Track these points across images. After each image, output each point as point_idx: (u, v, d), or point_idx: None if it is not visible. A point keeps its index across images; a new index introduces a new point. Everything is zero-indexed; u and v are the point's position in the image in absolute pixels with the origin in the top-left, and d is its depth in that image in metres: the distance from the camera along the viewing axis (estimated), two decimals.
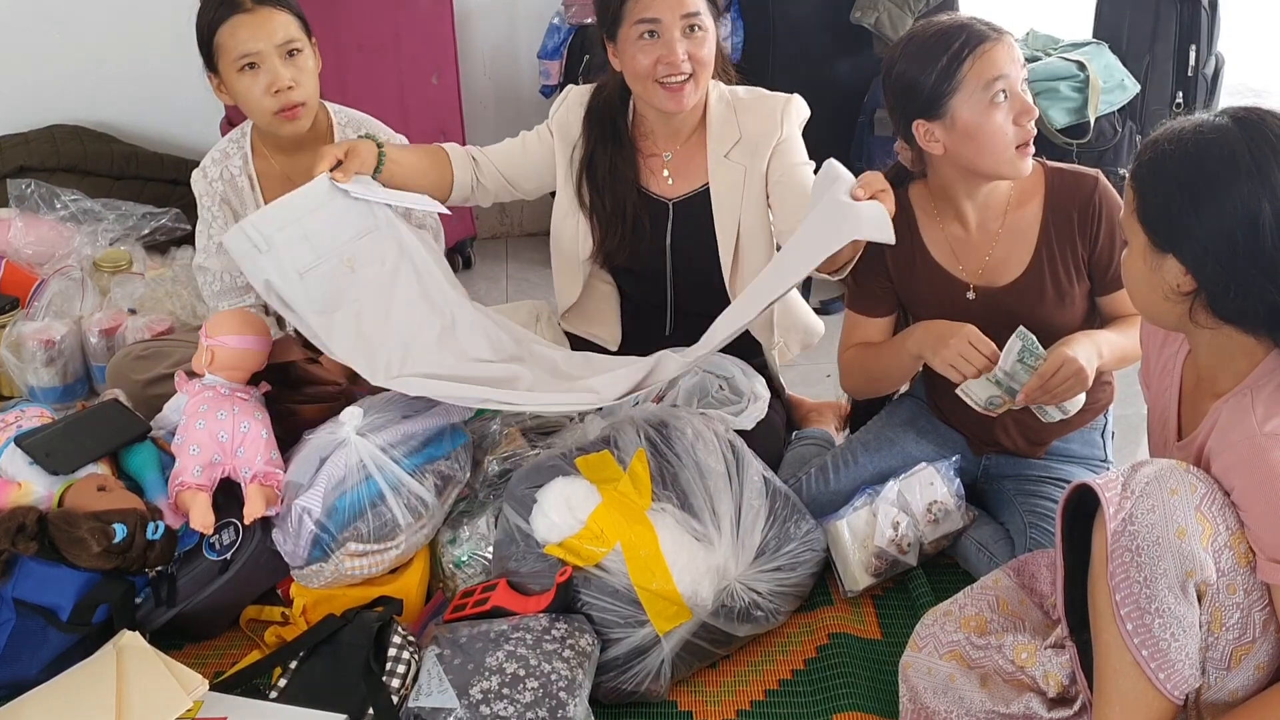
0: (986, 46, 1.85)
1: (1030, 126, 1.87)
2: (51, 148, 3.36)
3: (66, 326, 2.77)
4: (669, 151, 2.29)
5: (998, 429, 2.10)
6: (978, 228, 2.01)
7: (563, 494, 1.91)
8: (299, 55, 2.27)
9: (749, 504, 1.98)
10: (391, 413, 2.09)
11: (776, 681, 1.93)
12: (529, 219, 3.79)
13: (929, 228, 2.05)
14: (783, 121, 2.25)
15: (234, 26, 2.22)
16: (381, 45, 3.06)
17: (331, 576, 1.97)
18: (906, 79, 1.92)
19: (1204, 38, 3.56)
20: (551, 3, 3.42)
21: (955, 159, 1.94)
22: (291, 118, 2.29)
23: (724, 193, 2.27)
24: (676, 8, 2.09)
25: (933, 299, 2.06)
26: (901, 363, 2.04)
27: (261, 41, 2.22)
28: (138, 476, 2.08)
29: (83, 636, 1.84)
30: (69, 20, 3.41)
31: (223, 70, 2.27)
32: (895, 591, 2.11)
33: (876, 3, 3.22)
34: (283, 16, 2.26)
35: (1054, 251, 1.97)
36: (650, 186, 2.31)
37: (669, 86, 2.14)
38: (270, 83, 2.24)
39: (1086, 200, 1.94)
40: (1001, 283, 2.00)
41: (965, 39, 1.86)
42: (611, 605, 1.85)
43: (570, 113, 2.33)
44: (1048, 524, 1.97)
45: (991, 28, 1.88)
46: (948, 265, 2.04)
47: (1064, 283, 1.96)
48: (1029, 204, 1.99)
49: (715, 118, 2.25)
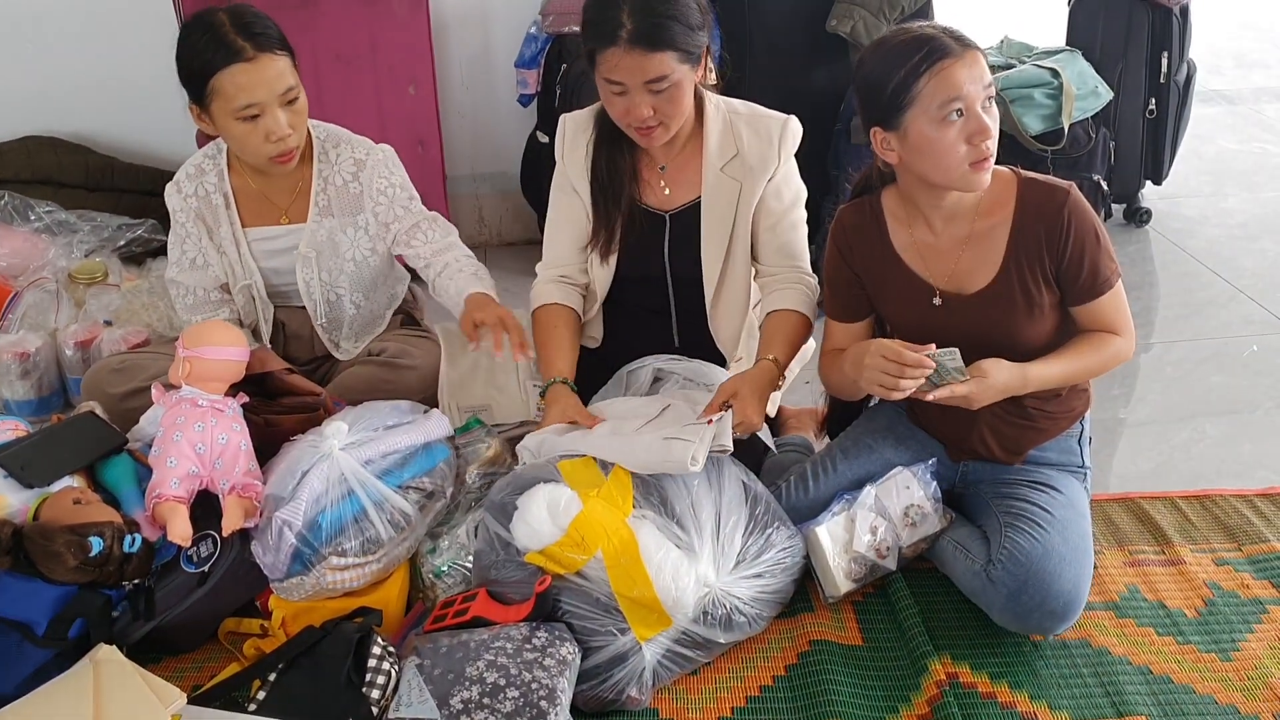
0: (947, 64, 1.84)
1: (985, 146, 1.85)
2: (25, 159, 3.34)
3: (41, 339, 2.75)
4: (665, 162, 2.30)
5: (975, 438, 2.10)
6: (945, 234, 2.02)
7: (544, 501, 1.90)
8: (296, 102, 2.26)
9: (729, 511, 1.98)
10: (375, 426, 2.09)
11: (758, 688, 1.93)
12: (508, 228, 3.79)
13: (899, 233, 2.06)
14: (780, 150, 2.25)
15: (234, 74, 2.16)
16: (358, 55, 3.06)
17: (312, 589, 1.96)
18: (868, 85, 1.93)
19: (1176, 44, 3.60)
20: (529, 12, 3.43)
21: (909, 169, 1.95)
22: (287, 161, 2.29)
23: (716, 206, 2.27)
24: (639, 74, 2.05)
25: (900, 304, 2.07)
26: (850, 380, 2.02)
27: (262, 92, 2.19)
28: (114, 489, 2.07)
29: (59, 651, 1.82)
30: (42, 31, 3.40)
31: (216, 112, 2.22)
32: (875, 597, 2.11)
33: (852, 11, 3.23)
34: (282, 62, 2.21)
35: (1022, 262, 1.96)
36: (646, 199, 2.31)
37: (638, 130, 2.14)
38: (271, 131, 2.22)
39: (1056, 213, 1.93)
40: (970, 291, 2.00)
41: (926, 53, 1.85)
42: (592, 613, 1.85)
43: (573, 136, 2.31)
44: (1024, 524, 1.97)
45: (960, 41, 1.87)
46: (916, 269, 2.04)
47: (1033, 292, 1.96)
48: (998, 213, 1.98)
49: (712, 129, 2.25)
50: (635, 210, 2.29)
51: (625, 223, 2.29)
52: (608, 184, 2.28)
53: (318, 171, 2.39)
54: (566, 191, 2.34)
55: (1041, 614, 1.91)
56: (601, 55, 2.06)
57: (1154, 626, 2.04)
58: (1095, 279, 1.94)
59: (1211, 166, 4.33)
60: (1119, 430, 2.68)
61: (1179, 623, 2.04)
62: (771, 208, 2.27)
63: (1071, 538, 1.97)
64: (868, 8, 3.22)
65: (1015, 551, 1.93)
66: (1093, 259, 1.93)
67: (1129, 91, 3.61)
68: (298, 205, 2.41)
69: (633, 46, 2.03)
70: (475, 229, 3.77)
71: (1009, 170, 1.99)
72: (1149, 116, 3.65)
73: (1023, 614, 1.92)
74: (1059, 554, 1.93)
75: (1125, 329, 2.00)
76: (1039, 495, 2.04)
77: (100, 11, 3.39)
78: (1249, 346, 3.05)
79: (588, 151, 2.29)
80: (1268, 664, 1.94)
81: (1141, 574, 2.16)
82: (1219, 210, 3.95)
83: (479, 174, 3.71)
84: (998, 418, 2.06)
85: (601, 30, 2.04)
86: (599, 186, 2.29)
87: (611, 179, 2.27)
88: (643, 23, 2.02)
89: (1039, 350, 1.98)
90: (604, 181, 2.28)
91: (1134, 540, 2.26)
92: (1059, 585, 1.90)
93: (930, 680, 1.90)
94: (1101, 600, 2.09)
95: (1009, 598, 1.92)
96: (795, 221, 2.31)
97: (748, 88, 2.56)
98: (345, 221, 2.41)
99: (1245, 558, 2.20)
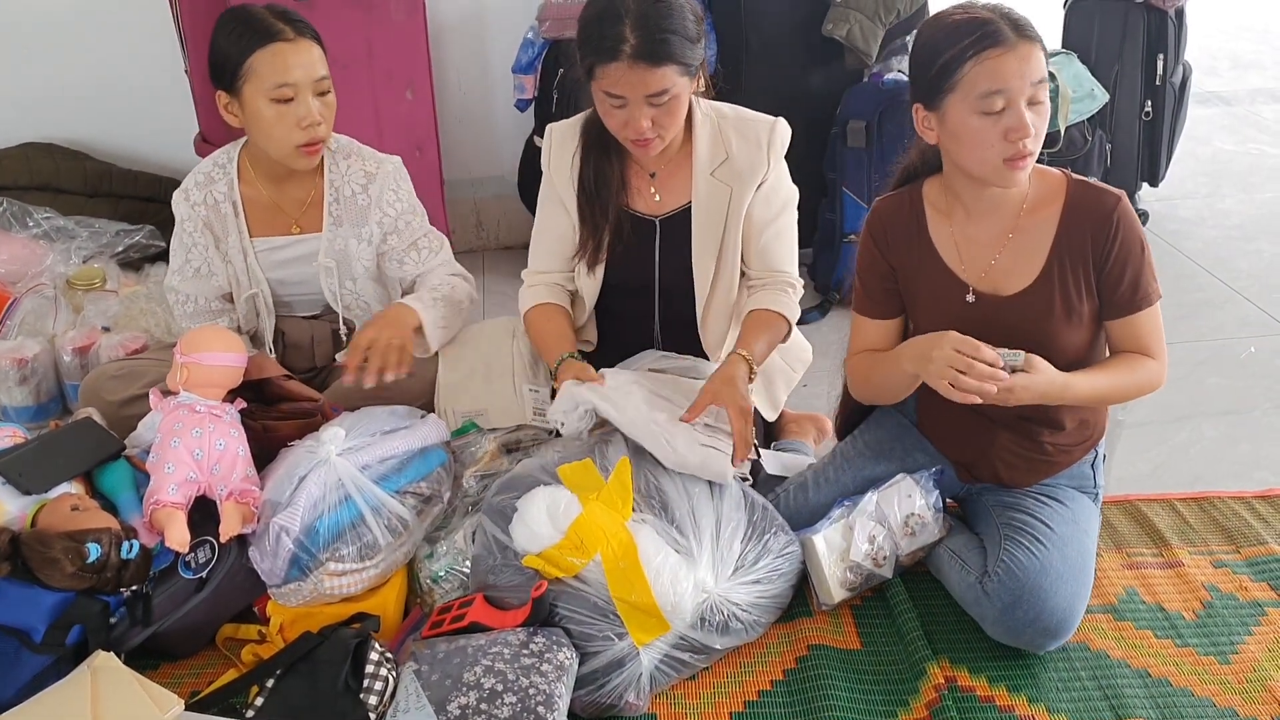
0: (996, 53, 1.76)
1: (1023, 145, 1.78)
2: (24, 165, 3.34)
3: (40, 345, 2.75)
4: (655, 169, 2.30)
5: (985, 466, 2.08)
6: (986, 229, 1.95)
7: (544, 503, 1.90)
8: (328, 94, 2.28)
9: (728, 516, 1.98)
10: (372, 432, 2.09)
11: (756, 693, 1.93)
12: (505, 233, 3.79)
13: (938, 225, 2.00)
14: (769, 153, 2.25)
15: (274, 53, 2.19)
16: (355, 60, 3.06)
17: (310, 595, 1.96)
18: (916, 60, 1.88)
19: (1171, 47, 3.60)
20: (526, 17, 3.43)
21: (945, 153, 1.92)
22: (313, 153, 2.30)
23: (707, 211, 2.27)
24: (640, 88, 2.06)
25: (932, 299, 2.01)
26: (899, 379, 1.98)
27: (299, 73, 2.21)
28: (112, 495, 2.06)
29: (57, 658, 1.82)
30: (41, 37, 3.40)
31: (248, 95, 2.23)
32: (874, 601, 2.11)
33: (848, 15, 3.24)
34: (317, 51, 2.26)
35: (1066, 265, 1.90)
36: (636, 206, 2.31)
37: (635, 142, 2.15)
38: (303, 116, 2.23)
39: (1106, 217, 1.87)
40: (1008, 292, 1.94)
41: (978, 38, 1.77)
42: (590, 618, 1.85)
43: (560, 146, 2.32)
44: (1024, 538, 1.96)
45: (1019, 30, 1.78)
46: (951, 264, 1.98)
47: (1073, 298, 1.91)
48: (1043, 211, 1.92)
49: (701, 135, 2.25)
50: (624, 217, 2.29)
51: (613, 231, 2.29)
52: (595, 193, 2.28)
53: (329, 181, 2.40)
54: (553, 203, 2.35)
55: (1035, 630, 1.90)
56: (603, 69, 2.06)
57: (1153, 629, 2.04)
58: (1135, 292, 1.90)
59: (1208, 168, 4.33)
60: (1116, 432, 2.66)
61: (1178, 625, 2.04)
62: (759, 215, 2.27)
63: (1071, 555, 1.95)
64: (863, 11, 3.23)
65: (1012, 565, 1.92)
66: (1135, 270, 1.88)
67: (1125, 94, 3.61)
68: (309, 215, 2.42)
69: (636, 62, 2.03)
70: (473, 233, 3.77)
71: (1060, 171, 1.95)
72: (1145, 118, 3.65)
73: (1016, 628, 1.91)
74: (1056, 571, 1.91)
75: (1159, 352, 1.94)
76: (1043, 509, 2.02)
77: (98, 18, 3.39)
78: (1246, 348, 3.05)
79: (574, 162, 2.29)
80: (1266, 666, 1.94)
81: (1140, 576, 2.16)
82: (1215, 212, 3.96)
83: (476, 178, 3.71)
84: (1011, 451, 2.04)
85: (603, 46, 2.04)
86: (586, 196, 2.29)
87: (599, 188, 2.27)
88: (646, 39, 2.02)
89: (1071, 363, 1.92)
90: (591, 191, 2.28)
91: (1132, 542, 2.26)
92: (1054, 602, 1.89)
93: (929, 684, 1.90)
94: (1100, 603, 2.08)
95: (1003, 611, 1.91)
96: (782, 229, 2.31)
97: (744, 92, 2.57)
98: (352, 232, 2.42)
99: (1243, 560, 2.20)
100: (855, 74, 3.34)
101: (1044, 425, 2.01)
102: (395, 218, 2.44)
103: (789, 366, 2.48)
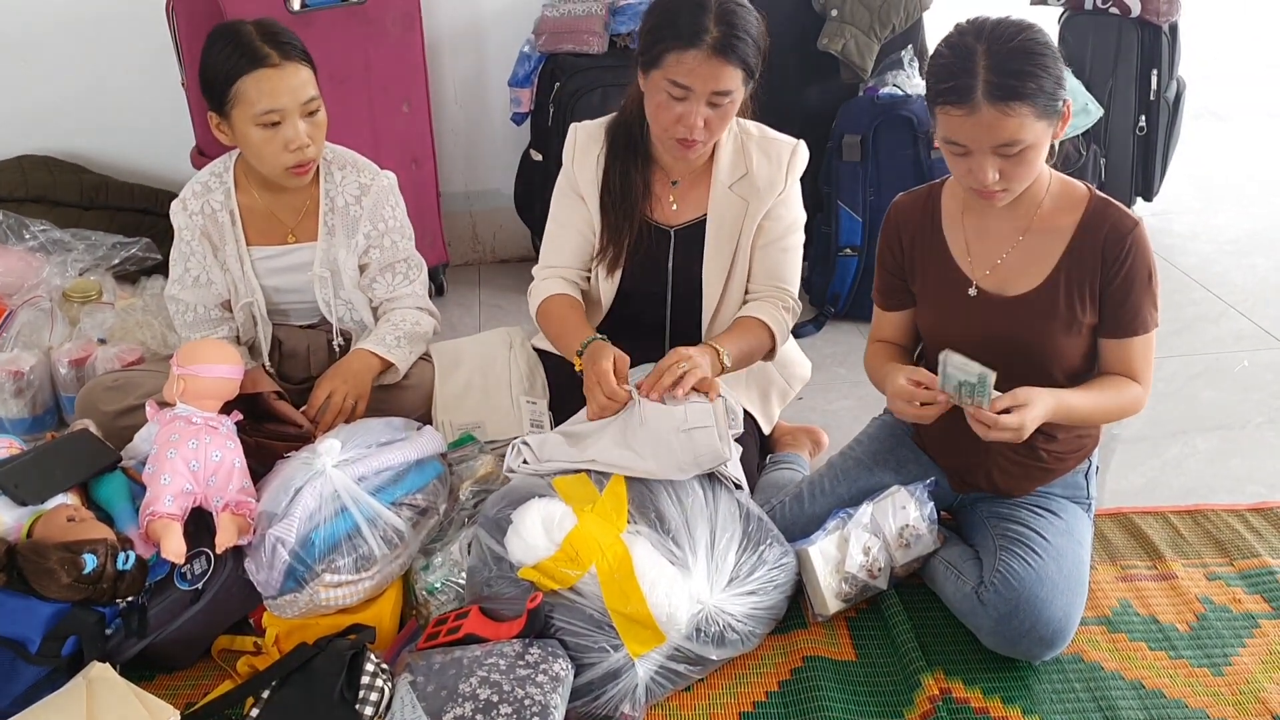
0: (952, 110, 1.79)
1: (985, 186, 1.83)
2: (20, 178, 3.34)
3: (35, 357, 2.75)
4: (678, 178, 2.31)
5: (980, 474, 2.09)
6: (999, 227, 1.98)
7: (539, 515, 1.90)
8: (317, 114, 2.28)
9: (723, 527, 1.99)
10: (368, 443, 2.09)
11: (751, 704, 1.93)
12: (501, 246, 3.80)
13: (951, 221, 2.04)
14: (788, 174, 2.28)
15: (259, 79, 2.20)
16: (352, 74, 3.07)
17: (306, 606, 1.96)
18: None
19: (1165, 62, 3.62)
20: (522, 31, 3.44)
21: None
22: (303, 174, 2.31)
23: (722, 223, 2.29)
24: (710, 83, 2.08)
25: (935, 291, 2.05)
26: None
27: (285, 98, 2.22)
28: (108, 506, 2.06)
29: (52, 669, 1.82)
30: (36, 50, 3.40)
31: (236, 119, 2.25)
32: (869, 613, 2.12)
33: (843, 30, 3.26)
34: (305, 72, 2.26)
35: (1072, 273, 1.93)
36: (654, 214, 2.32)
37: (680, 141, 2.16)
38: (290, 139, 2.24)
39: (1120, 239, 1.89)
40: (1012, 292, 1.97)
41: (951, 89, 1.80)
42: (585, 629, 1.85)
43: (585, 146, 2.33)
44: (1019, 548, 1.97)
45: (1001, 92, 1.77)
46: (959, 257, 2.02)
47: (1075, 307, 1.93)
48: (1061, 219, 1.94)
49: (725, 149, 2.28)
50: (643, 226, 2.31)
51: (634, 238, 2.30)
52: (620, 199, 2.29)
53: (325, 191, 2.41)
54: (572, 197, 2.35)
55: (1031, 640, 1.91)
56: (677, 56, 2.07)
57: (1146, 641, 2.04)
58: (1135, 317, 1.92)
59: (1202, 183, 4.34)
60: (1111, 445, 2.68)
61: (1171, 638, 2.05)
62: (767, 229, 2.29)
63: (1066, 566, 1.96)
64: (858, 26, 3.25)
65: (1008, 575, 1.93)
66: (1138, 296, 1.91)
67: (1119, 109, 3.63)
68: (305, 224, 2.43)
69: (714, 54, 2.06)
70: (469, 247, 3.78)
71: (1084, 186, 1.98)
72: (1139, 133, 3.67)
73: (1012, 638, 1.92)
74: (1052, 581, 1.92)
75: (1145, 379, 1.97)
76: (1037, 520, 2.03)
77: (95, 31, 3.40)
78: (1240, 362, 3.06)
79: (599, 163, 2.30)
80: (1259, 678, 1.94)
81: (1134, 589, 2.17)
82: (1209, 226, 3.97)
83: (472, 192, 3.72)
84: (1006, 458, 2.05)
85: (684, 31, 2.06)
86: (610, 201, 2.30)
87: (624, 195, 2.29)
88: (727, 33, 2.06)
89: (1067, 371, 1.96)
90: (616, 196, 2.29)
91: (1126, 555, 2.27)
92: (1050, 612, 1.90)
93: (923, 696, 1.90)
94: (1094, 615, 2.09)
95: (999, 621, 1.92)
96: (788, 246, 2.33)
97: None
98: (343, 242, 2.42)
99: (1237, 572, 2.21)
100: (850, 88, 3.36)
101: (1039, 432, 2.02)
102: (383, 234, 2.45)
103: (785, 381, 2.49)
